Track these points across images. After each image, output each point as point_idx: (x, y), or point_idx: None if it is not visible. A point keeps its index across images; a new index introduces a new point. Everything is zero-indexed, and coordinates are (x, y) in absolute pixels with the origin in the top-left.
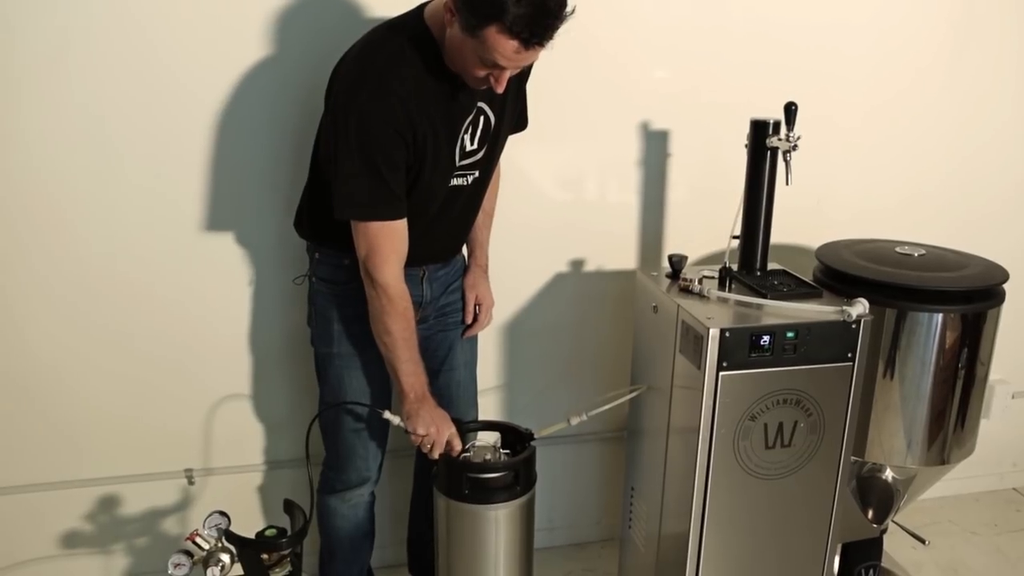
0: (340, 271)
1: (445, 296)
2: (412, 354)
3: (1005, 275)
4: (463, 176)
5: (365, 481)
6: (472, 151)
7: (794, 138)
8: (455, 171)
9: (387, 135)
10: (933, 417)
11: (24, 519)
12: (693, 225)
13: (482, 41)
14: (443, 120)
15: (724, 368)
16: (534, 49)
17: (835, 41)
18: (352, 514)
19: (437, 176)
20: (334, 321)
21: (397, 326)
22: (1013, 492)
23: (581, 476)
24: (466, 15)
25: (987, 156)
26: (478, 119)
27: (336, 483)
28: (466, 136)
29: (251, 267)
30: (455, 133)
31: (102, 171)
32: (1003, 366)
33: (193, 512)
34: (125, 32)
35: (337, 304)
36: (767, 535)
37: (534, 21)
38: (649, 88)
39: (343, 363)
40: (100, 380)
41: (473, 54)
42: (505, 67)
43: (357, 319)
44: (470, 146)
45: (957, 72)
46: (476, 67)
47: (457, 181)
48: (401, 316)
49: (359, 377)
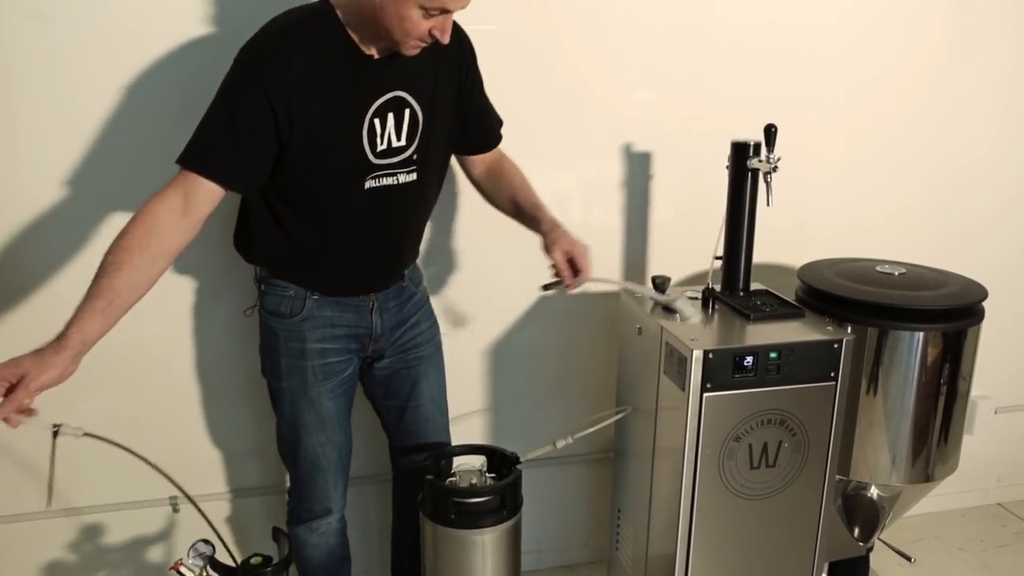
0: (284, 302)
1: (404, 332)
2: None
3: (984, 293)
4: (391, 175)
5: (328, 512)
6: (399, 148)
7: (774, 160)
8: (374, 168)
9: (256, 94)
10: (916, 433)
11: (7, 549)
12: (676, 246)
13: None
14: (343, 100)
15: (708, 389)
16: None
17: (816, 65)
18: (323, 543)
19: (340, 167)
20: (280, 355)
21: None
22: (998, 507)
23: (568, 498)
24: None
25: (966, 175)
26: (401, 110)
27: (302, 513)
28: (378, 123)
29: (236, 292)
30: (359, 116)
31: (86, 186)
32: (985, 382)
33: (177, 540)
34: (110, 54)
35: (283, 338)
36: (754, 555)
37: None
38: (631, 110)
39: (291, 396)
40: (85, 404)
41: (415, 10)
42: (452, 9)
43: (304, 354)
44: (396, 141)
45: (937, 95)
46: (417, 24)
47: (385, 181)
48: (141, 248)
49: (309, 411)
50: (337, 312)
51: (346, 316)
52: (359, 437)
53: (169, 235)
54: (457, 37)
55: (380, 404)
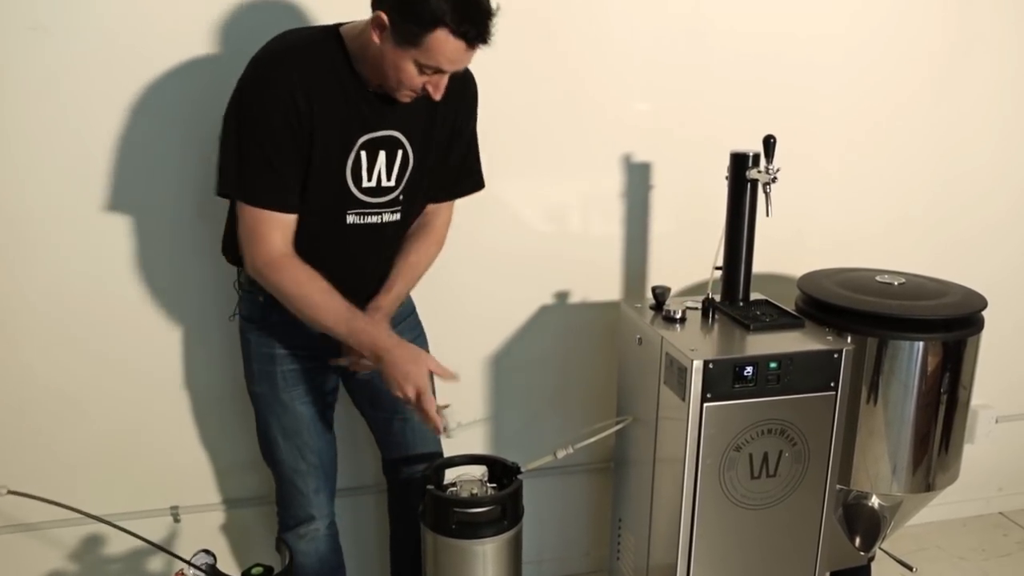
0: (256, 308)
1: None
2: (349, 312)
3: (983, 303)
4: (376, 213)
5: (311, 518)
6: (387, 188)
7: (773, 170)
8: (358, 203)
9: (271, 116)
10: (917, 443)
11: (7, 558)
12: (676, 256)
13: (426, 48)
14: (336, 128)
15: (708, 399)
16: (475, 48)
17: (815, 76)
18: (312, 549)
19: (323, 195)
20: (252, 360)
21: (315, 298)
22: (1000, 516)
23: (569, 508)
24: (407, 26)
25: (965, 184)
26: (394, 150)
27: (287, 519)
28: (365, 157)
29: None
30: (347, 147)
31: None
32: (986, 391)
33: (179, 550)
34: (110, 65)
35: (254, 341)
36: (755, 564)
37: (477, 19)
38: (631, 121)
39: (265, 401)
40: (86, 415)
41: (412, 64)
42: (447, 71)
43: (273, 359)
44: (386, 180)
45: (935, 105)
46: (412, 77)
47: (370, 219)
48: (308, 284)
49: (284, 415)
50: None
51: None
52: (355, 448)
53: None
54: (463, 82)
55: (367, 415)
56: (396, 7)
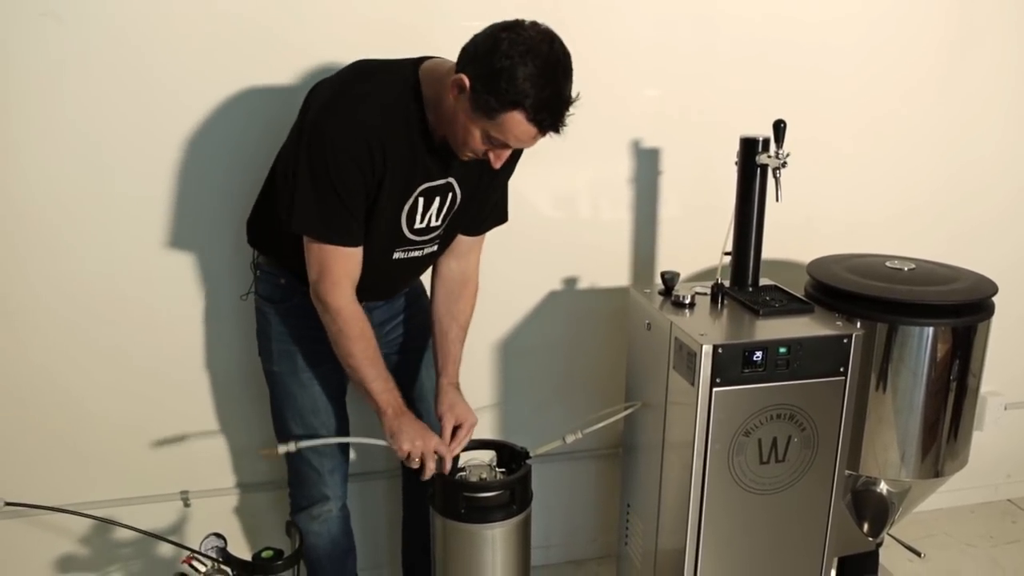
0: (277, 290)
1: (393, 327)
2: (379, 371)
3: (994, 288)
4: (419, 248)
5: (325, 498)
6: (434, 227)
7: (783, 155)
8: (407, 242)
9: (347, 164)
10: (926, 429)
11: (19, 543)
12: (685, 242)
13: (499, 124)
14: (400, 173)
15: (717, 384)
16: (547, 135)
17: (824, 60)
18: (324, 531)
19: (379, 236)
20: (272, 339)
21: (357, 347)
22: (1008, 503)
23: (577, 493)
24: (486, 97)
25: (976, 170)
26: (446, 195)
27: (300, 500)
28: (422, 202)
29: (242, 284)
30: (408, 192)
31: (90, 187)
32: (995, 378)
33: (189, 534)
34: (119, 56)
35: (275, 322)
36: (763, 550)
37: (555, 109)
38: (640, 107)
39: (284, 381)
40: (96, 400)
41: (481, 132)
42: (512, 147)
43: (294, 338)
44: (435, 221)
45: (946, 89)
46: (478, 143)
47: (413, 253)
48: (360, 337)
49: (301, 395)
50: None
51: None
52: (367, 432)
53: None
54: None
55: None
56: (481, 77)
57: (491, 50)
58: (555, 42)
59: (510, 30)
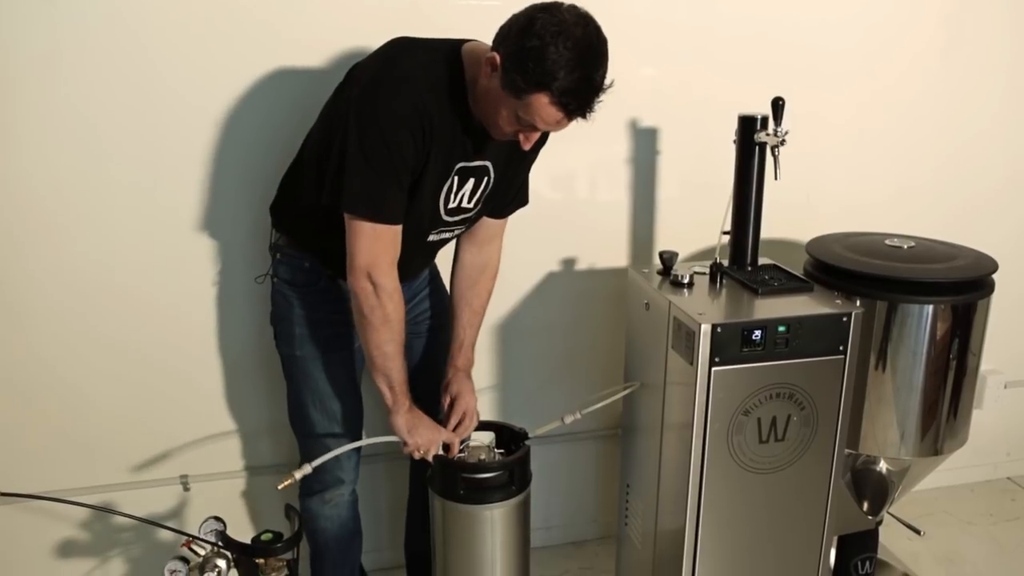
0: (299, 273)
1: (414, 305)
2: (403, 363)
3: (994, 266)
4: (450, 230)
5: (340, 482)
6: (466, 209)
7: (782, 133)
8: (442, 223)
9: (402, 135)
10: (926, 408)
11: (19, 528)
12: (683, 222)
13: (526, 104)
14: (442, 151)
15: (716, 363)
16: (574, 119)
17: (822, 36)
18: (335, 515)
19: (417, 217)
20: (294, 323)
21: (397, 334)
22: (1007, 481)
23: (576, 474)
24: (514, 76)
25: (976, 148)
26: (481, 177)
27: (314, 484)
28: (457, 182)
29: (248, 268)
30: (447, 172)
31: (92, 174)
32: (995, 356)
33: (188, 518)
34: (117, 39)
35: (298, 305)
36: (763, 529)
37: (582, 94)
38: (637, 86)
39: (307, 366)
40: (96, 386)
41: (510, 112)
42: (540, 129)
43: (318, 322)
44: (467, 203)
45: (945, 65)
46: (508, 123)
47: (444, 235)
48: (399, 322)
49: (323, 380)
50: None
51: None
52: (369, 413)
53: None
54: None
55: None
56: (512, 55)
57: (524, 29)
58: (590, 26)
59: (546, 11)
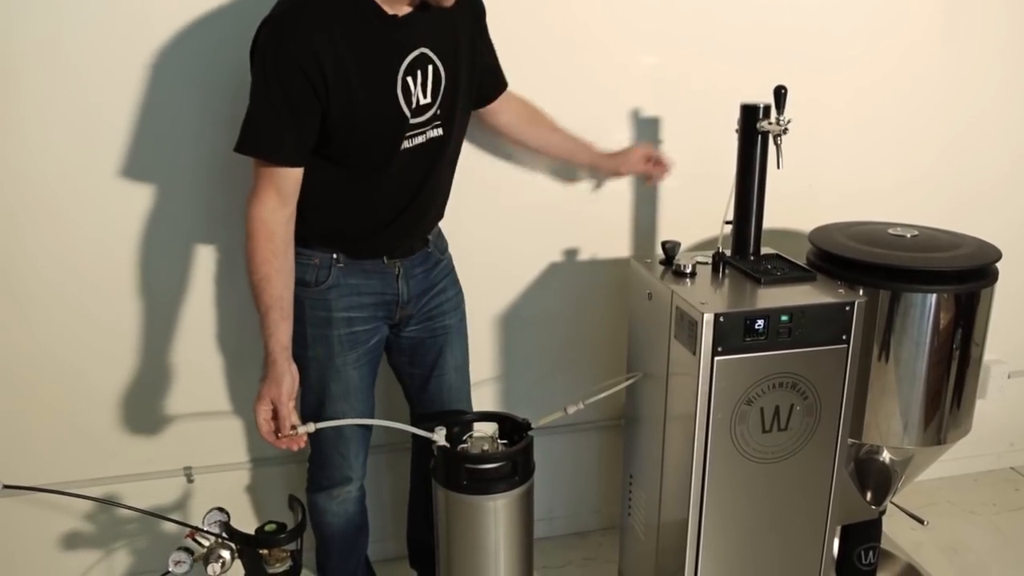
0: (309, 270)
1: (430, 298)
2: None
3: (998, 254)
4: (421, 133)
5: (348, 480)
6: (425, 105)
7: (784, 122)
8: (411, 127)
9: (290, 69)
10: (929, 397)
11: (23, 520)
12: (686, 211)
13: None
14: (373, 62)
15: (719, 353)
16: None
17: (823, 22)
18: (342, 510)
19: (379, 128)
20: (306, 324)
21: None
22: (1011, 471)
23: (580, 465)
24: None
25: (978, 136)
26: (425, 66)
27: (322, 480)
28: (411, 81)
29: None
30: (391, 75)
31: (95, 160)
32: (999, 346)
33: (192, 509)
34: (116, 26)
35: (308, 307)
36: (766, 519)
37: None
38: (639, 75)
39: (320, 367)
40: (99, 377)
41: None
42: None
43: (329, 323)
44: (423, 99)
45: (946, 52)
46: None
47: (417, 140)
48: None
49: (335, 381)
50: (363, 280)
51: (372, 283)
52: (380, 412)
53: (284, 231)
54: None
55: (404, 372)
56: None
57: None
58: None
59: None
